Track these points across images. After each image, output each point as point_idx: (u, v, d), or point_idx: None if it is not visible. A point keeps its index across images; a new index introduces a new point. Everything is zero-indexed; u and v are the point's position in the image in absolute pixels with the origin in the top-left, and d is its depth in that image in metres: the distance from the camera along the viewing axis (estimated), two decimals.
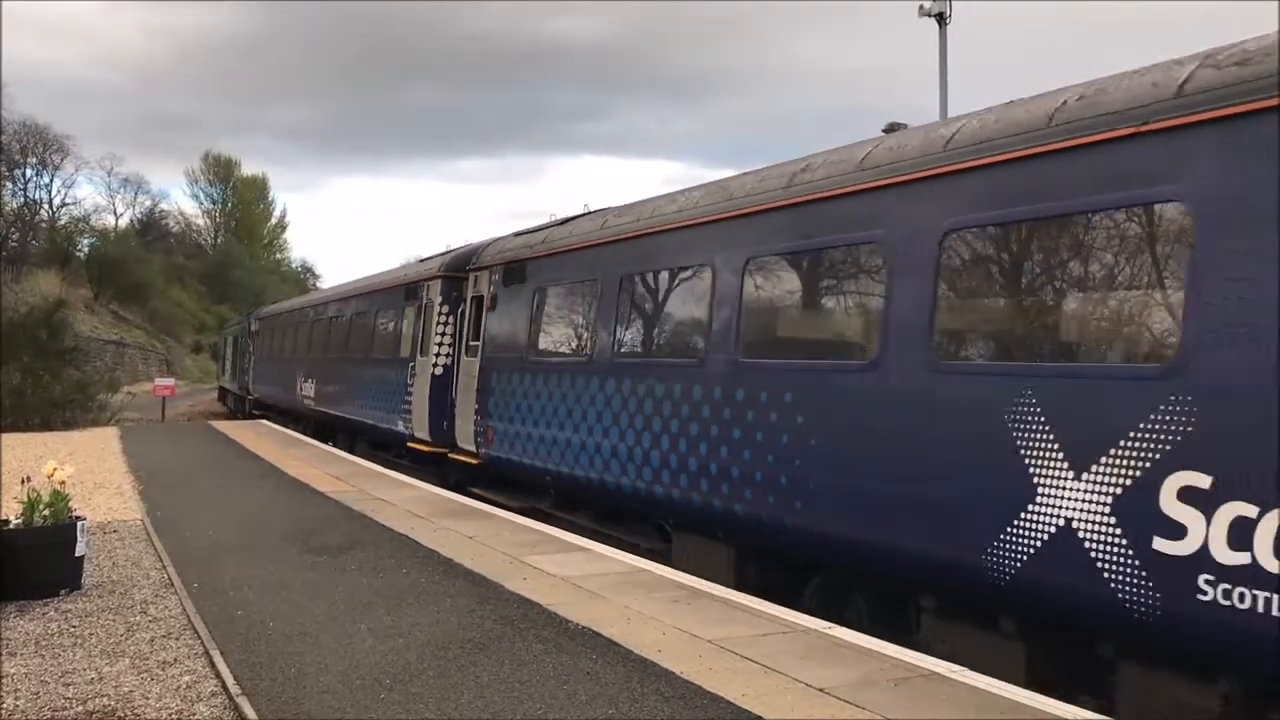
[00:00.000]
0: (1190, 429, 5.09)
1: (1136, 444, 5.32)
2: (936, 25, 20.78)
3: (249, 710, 5.12)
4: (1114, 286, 5.94)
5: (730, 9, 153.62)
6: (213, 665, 5.91)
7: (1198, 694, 5.32)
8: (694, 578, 8.28)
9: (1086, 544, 5.54)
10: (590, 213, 13.54)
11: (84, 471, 14.72)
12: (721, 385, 8.74)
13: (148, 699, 5.38)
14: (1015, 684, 5.76)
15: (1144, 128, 5.53)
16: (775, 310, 8.87)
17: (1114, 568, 5.40)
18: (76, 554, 7.75)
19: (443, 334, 16.23)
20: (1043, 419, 5.84)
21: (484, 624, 6.77)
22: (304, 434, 24.75)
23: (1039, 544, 5.80)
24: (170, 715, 5.15)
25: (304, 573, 8.37)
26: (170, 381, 36.01)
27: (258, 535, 10.12)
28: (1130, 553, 5.31)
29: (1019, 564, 5.92)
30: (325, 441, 22.50)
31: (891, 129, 8.62)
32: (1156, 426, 5.23)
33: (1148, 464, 5.26)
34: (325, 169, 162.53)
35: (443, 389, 15.98)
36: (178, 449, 19.88)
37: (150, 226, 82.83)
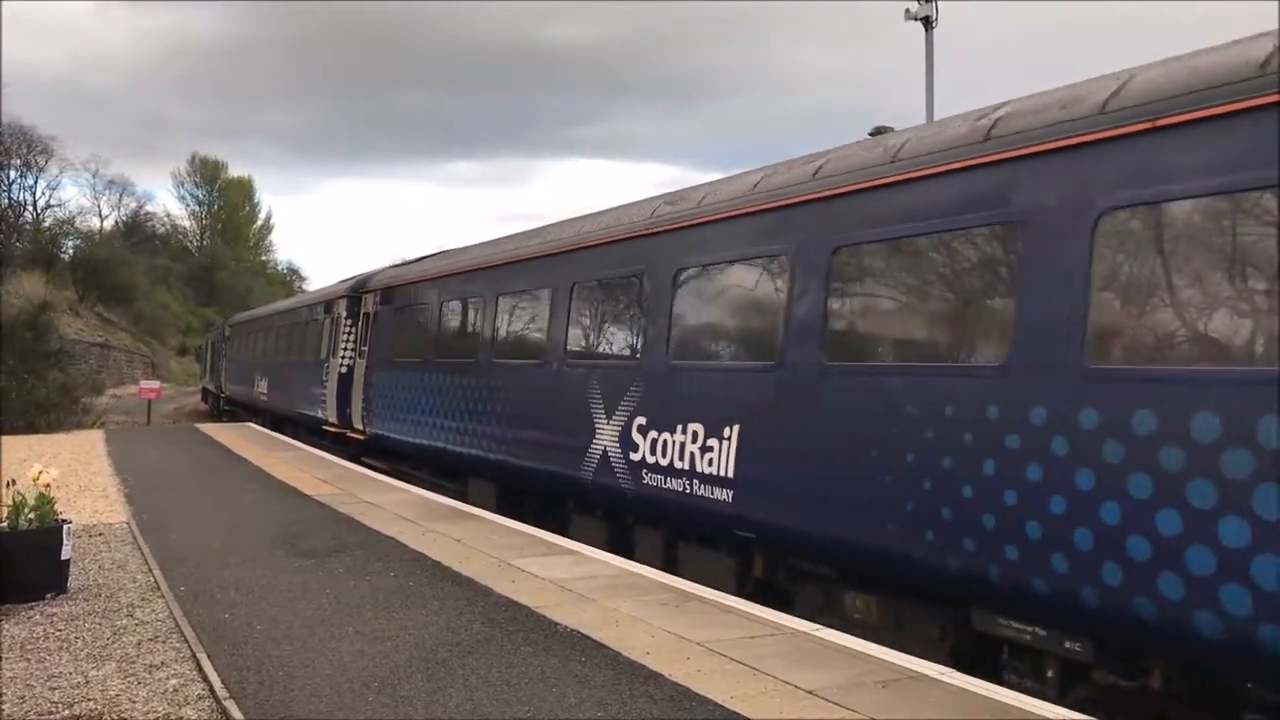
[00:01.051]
0: (641, 394, 9.55)
1: (626, 403, 9.74)
2: (923, 29, 20.89)
3: (236, 713, 5.11)
4: (621, 320, 10.66)
5: (725, 9, 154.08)
6: (200, 668, 5.89)
7: (655, 537, 9.64)
8: (683, 580, 8.32)
9: (610, 458, 9.90)
10: (434, 254, 18.68)
11: (69, 474, 14.65)
12: (482, 377, 13.42)
13: (134, 702, 5.36)
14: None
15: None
16: (513, 330, 13.24)
17: (620, 470, 9.73)
18: (62, 557, 7.71)
19: (347, 341, 20.40)
20: (598, 391, 10.28)
21: (472, 627, 6.77)
22: (262, 425, 27.23)
23: (596, 461, 10.16)
24: (157, 719, 5.14)
25: (291, 576, 8.35)
26: (156, 384, 35.70)
27: (245, 538, 10.08)
28: (624, 460, 9.66)
29: (590, 474, 10.25)
30: (279, 432, 25.22)
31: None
32: (632, 393, 9.69)
33: (629, 412, 9.68)
34: (318, 171, 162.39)
35: (346, 383, 20.15)
36: (163, 452, 19.77)
37: (136, 228, 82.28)
